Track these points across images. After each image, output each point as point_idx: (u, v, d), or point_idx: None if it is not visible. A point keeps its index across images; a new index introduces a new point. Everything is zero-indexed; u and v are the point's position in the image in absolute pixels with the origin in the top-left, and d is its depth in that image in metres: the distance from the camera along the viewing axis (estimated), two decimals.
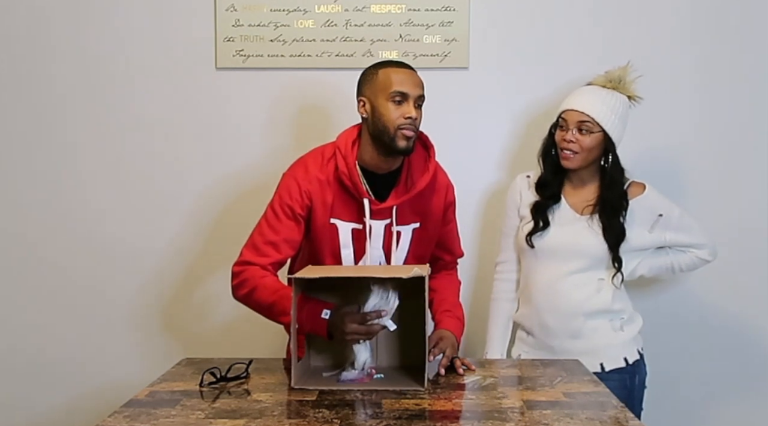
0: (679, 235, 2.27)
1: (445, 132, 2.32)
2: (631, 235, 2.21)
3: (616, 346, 2.22)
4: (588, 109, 2.16)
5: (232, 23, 2.62)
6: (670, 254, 2.31)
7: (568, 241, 2.21)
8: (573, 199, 2.26)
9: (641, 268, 2.30)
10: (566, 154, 2.18)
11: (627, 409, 1.60)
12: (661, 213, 2.24)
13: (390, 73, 1.94)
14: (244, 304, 1.98)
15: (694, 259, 2.31)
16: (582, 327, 2.20)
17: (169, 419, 1.53)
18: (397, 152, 1.94)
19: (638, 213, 2.22)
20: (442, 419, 1.57)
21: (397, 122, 1.91)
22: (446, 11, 2.61)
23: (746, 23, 2.62)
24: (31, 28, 2.64)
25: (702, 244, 2.29)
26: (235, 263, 1.99)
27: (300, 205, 1.98)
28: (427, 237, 2.08)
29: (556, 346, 2.21)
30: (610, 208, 2.19)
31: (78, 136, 2.67)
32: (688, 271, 2.37)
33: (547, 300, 2.22)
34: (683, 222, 2.27)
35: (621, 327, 2.24)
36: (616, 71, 2.25)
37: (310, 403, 1.64)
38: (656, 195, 2.27)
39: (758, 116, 2.64)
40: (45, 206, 2.68)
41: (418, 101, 1.94)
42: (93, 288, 2.70)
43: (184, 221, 2.68)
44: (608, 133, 2.17)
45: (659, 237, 2.27)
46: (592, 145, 2.17)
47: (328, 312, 1.81)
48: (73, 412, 2.68)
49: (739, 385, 2.69)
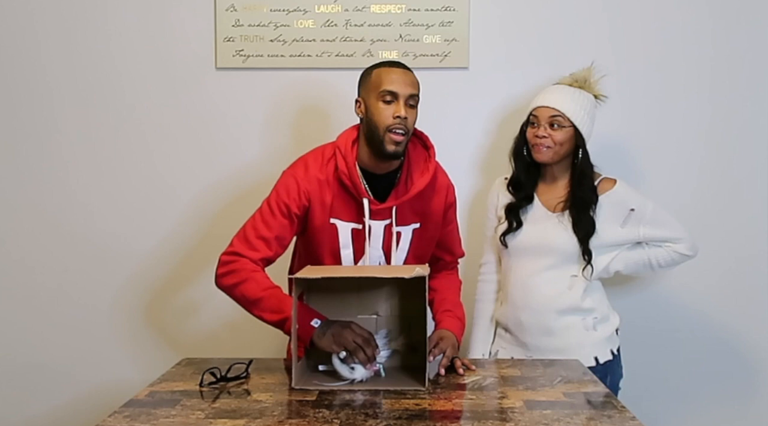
0: (654, 229, 2.25)
1: (445, 132, 2.32)
2: (602, 231, 2.22)
3: (587, 345, 2.22)
4: (558, 105, 2.21)
5: (232, 23, 2.62)
6: (647, 249, 2.28)
7: (539, 239, 2.24)
8: (545, 197, 2.29)
9: (617, 263, 2.28)
10: (539, 149, 2.23)
11: (627, 409, 1.60)
12: (632, 207, 2.24)
13: (382, 72, 1.94)
14: (227, 293, 1.96)
15: (672, 254, 2.27)
16: (554, 324, 2.23)
17: (169, 419, 1.53)
18: (386, 156, 1.93)
19: (608, 208, 2.23)
20: (442, 419, 1.57)
21: (386, 122, 1.90)
22: (446, 11, 2.61)
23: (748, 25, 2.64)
24: (31, 28, 2.64)
25: (678, 238, 2.27)
26: (224, 252, 1.98)
27: (297, 205, 1.98)
28: (427, 237, 2.08)
29: (529, 343, 2.25)
30: (580, 202, 2.22)
31: (78, 136, 2.67)
32: (667, 266, 2.32)
33: (521, 297, 2.25)
34: (657, 216, 2.25)
35: (594, 326, 2.24)
36: (581, 72, 2.32)
37: (310, 403, 1.64)
38: (627, 190, 2.27)
39: (751, 116, 2.66)
40: (44, 206, 2.69)
41: (409, 101, 1.92)
42: (93, 288, 2.70)
43: (185, 221, 2.68)
44: (578, 128, 2.21)
45: (633, 232, 2.25)
46: (564, 140, 2.22)
47: (319, 321, 1.81)
48: (73, 412, 2.68)
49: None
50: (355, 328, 1.79)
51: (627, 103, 2.63)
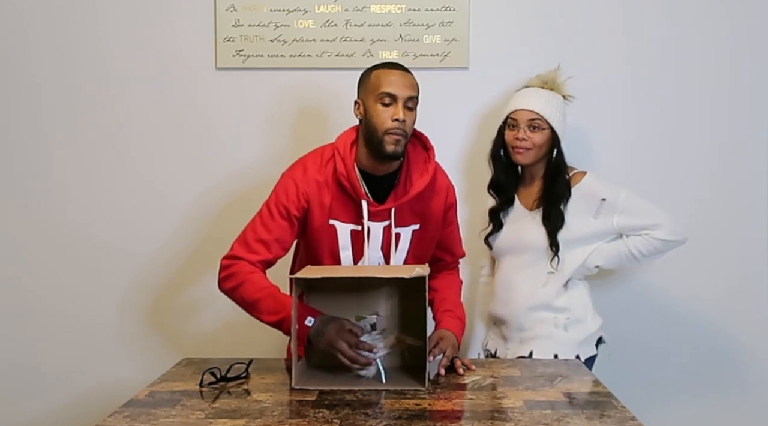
0: (629, 218, 2.22)
1: (445, 132, 2.32)
2: (573, 224, 2.23)
3: (551, 342, 2.22)
4: (537, 108, 2.26)
5: (232, 23, 2.62)
6: (626, 239, 2.25)
7: (516, 238, 2.31)
8: (524, 196, 2.35)
9: (596, 258, 2.27)
10: (519, 151, 2.26)
11: (627, 408, 1.60)
12: (603, 197, 2.23)
13: (380, 74, 1.94)
14: (229, 297, 1.98)
15: (651, 242, 2.22)
16: (526, 319, 2.27)
17: (169, 419, 1.53)
18: (386, 157, 1.93)
19: (578, 200, 2.24)
20: (442, 419, 1.57)
21: (385, 125, 1.90)
22: (446, 11, 2.61)
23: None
24: (27, 30, 2.64)
25: (656, 224, 2.22)
26: (224, 256, 1.99)
27: (296, 207, 1.98)
28: (427, 238, 2.08)
29: (507, 337, 2.32)
30: (551, 197, 2.25)
31: (77, 137, 2.67)
32: (651, 255, 2.26)
33: (503, 293, 2.33)
34: (630, 204, 2.23)
35: (565, 326, 2.25)
36: (548, 74, 2.38)
37: (310, 403, 1.64)
38: (595, 181, 2.28)
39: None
40: (44, 207, 2.68)
41: (408, 103, 1.92)
42: (92, 289, 2.70)
43: (185, 220, 2.68)
44: (555, 129, 2.27)
45: (607, 222, 2.23)
46: (543, 142, 2.26)
47: (312, 319, 1.81)
48: (74, 412, 2.68)
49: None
50: (343, 343, 1.77)
51: (628, 102, 2.63)
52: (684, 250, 2.31)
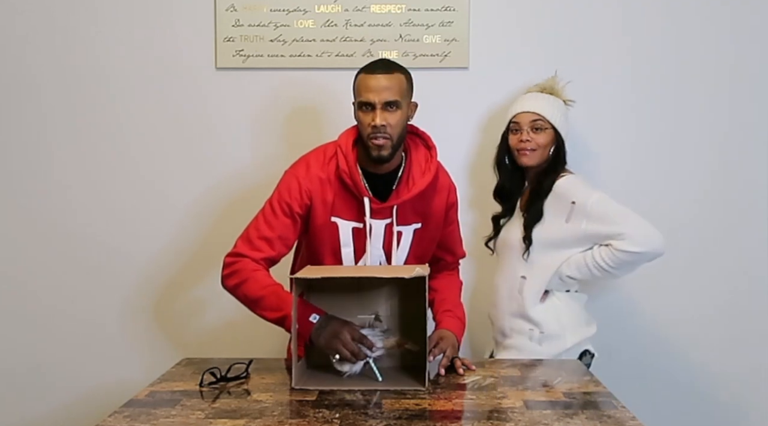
0: (596, 224, 2.10)
1: (445, 132, 2.32)
2: (549, 223, 2.19)
3: (525, 354, 2.18)
4: (538, 109, 2.27)
5: (232, 23, 2.62)
6: (594, 250, 2.13)
7: (503, 237, 2.34)
8: (522, 199, 2.34)
9: (567, 268, 2.18)
10: (524, 153, 2.26)
11: (627, 408, 1.60)
12: (573, 200, 2.13)
13: (360, 80, 1.95)
14: (232, 294, 1.98)
15: (615, 252, 2.07)
16: (506, 325, 2.29)
17: (169, 419, 1.53)
18: (373, 160, 1.95)
19: (553, 202, 2.20)
20: (442, 419, 1.57)
21: (366, 130, 1.93)
22: (446, 11, 2.61)
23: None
24: (30, 28, 2.64)
25: (619, 233, 2.06)
26: (228, 254, 2.00)
27: (299, 204, 1.98)
28: (428, 238, 2.08)
29: (496, 339, 2.36)
30: (536, 193, 2.24)
31: (77, 137, 2.67)
32: (619, 268, 2.10)
33: (492, 295, 2.36)
34: (598, 209, 2.10)
35: (539, 340, 2.20)
36: (546, 82, 2.40)
37: (310, 403, 1.64)
38: (571, 182, 2.20)
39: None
40: (45, 208, 2.68)
41: (387, 107, 1.91)
42: (92, 289, 2.70)
43: (185, 220, 2.68)
44: (558, 129, 2.27)
45: (576, 228, 2.13)
46: (546, 142, 2.26)
47: (317, 316, 1.81)
48: (74, 412, 2.68)
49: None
50: (347, 334, 1.78)
51: (629, 102, 2.63)
52: (684, 250, 2.31)
